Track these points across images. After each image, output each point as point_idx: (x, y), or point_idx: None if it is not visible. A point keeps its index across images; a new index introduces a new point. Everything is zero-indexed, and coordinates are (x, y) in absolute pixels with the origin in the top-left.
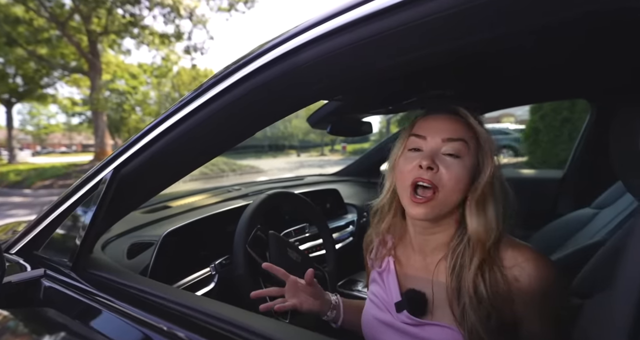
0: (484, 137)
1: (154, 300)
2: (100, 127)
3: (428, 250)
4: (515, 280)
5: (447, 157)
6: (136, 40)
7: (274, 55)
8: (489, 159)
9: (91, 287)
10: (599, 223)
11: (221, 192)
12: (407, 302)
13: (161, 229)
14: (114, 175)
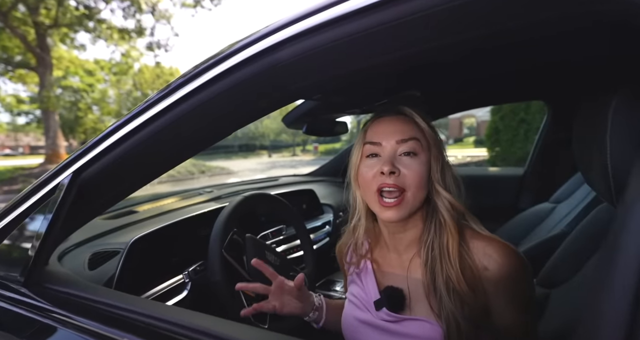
0: (430, 133)
1: (121, 313)
2: (51, 128)
3: (402, 248)
4: (485, 269)
5: (404, 157)
6: (92, 35)
7: (250, 53)
8: (437, 151)
9: (47, 304)
10: (557, 216)
11: (192, 195)
12: (386, 299)
13: (127, 235)
14: (73, 179)
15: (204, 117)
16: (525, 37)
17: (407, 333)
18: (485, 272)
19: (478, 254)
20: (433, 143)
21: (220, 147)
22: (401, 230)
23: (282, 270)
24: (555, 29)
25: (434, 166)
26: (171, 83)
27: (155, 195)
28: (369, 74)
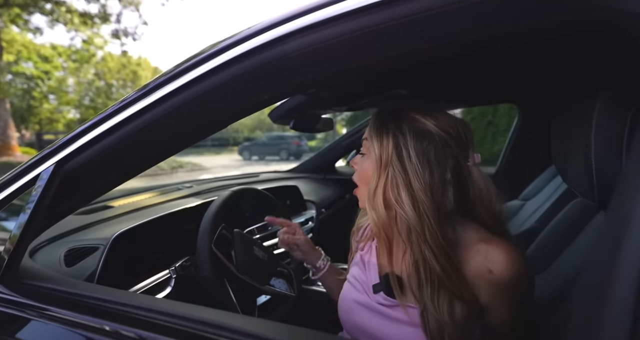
0: (377, 140)
1: (106, 306)
2: (1, 117)
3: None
4: (489, 272)
5: (360, 155)
6: (49, 18)
7: (254, 44)
8: (378, 163)
9: (28, 299)
10: (526, 212)
11: (170, 190)
12: (385, 284)
13: (105, 231)
14: (56, 170)
15: (200, 109)
16: (508, 42)
17: (400, 318)
18: (488, 275)
19: (480, 258)
20: (380, 153)
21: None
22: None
23: (270, 266)
24: (542, 34)
25: (381, 175)
26: (164, 74)
27: (130, 190)
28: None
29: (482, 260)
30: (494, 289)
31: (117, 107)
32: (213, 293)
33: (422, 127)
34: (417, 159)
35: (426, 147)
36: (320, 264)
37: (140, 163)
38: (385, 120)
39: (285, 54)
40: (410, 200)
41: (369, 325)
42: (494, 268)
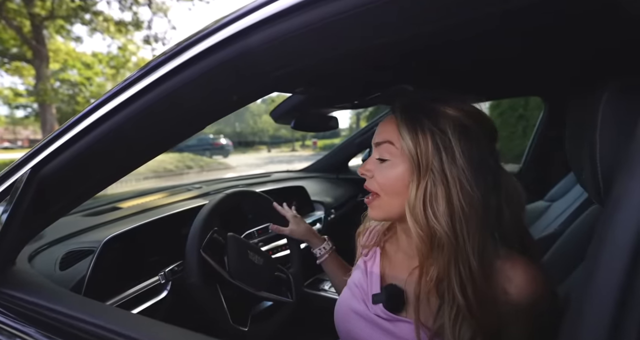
0: (404, 143)
1: (81, 326)
2: (48, 121)
3: (410, 251)
4: (504, 293)
5: (377, 160)
6: (89, 27)
7: (217, 40)
8: (411, 162)
9: (2, 314)
10: (552, 215)
11: (180, 191)
12: (385, 297)
13: (105, 233)
14: (31, 176)
15: (171, 107)
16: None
17: (397, 334)
18: (504, 296)
19: (499, 277)
20: (408, 153)
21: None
22: (404, 233)
23: (267, 270)
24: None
25: (420, 182)
26: (137, 71)
27: (142, 191)
28: (353, 66)
29: (499, 279)
30: (510, 311)
31: (87, 110)
32: (201, 299)
33: (462, 122)
34: (463, 162)
35: (470, 147)
36: (316, 251)
37: (119, 166)
38: (417, 117)
39: (250, 48)
40: (449, 212)
41: (363, 337)
42: (510, 288)
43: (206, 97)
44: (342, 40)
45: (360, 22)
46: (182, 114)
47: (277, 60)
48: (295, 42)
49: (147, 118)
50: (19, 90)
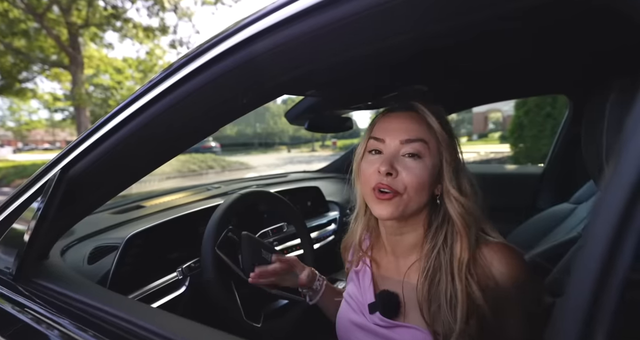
0: (442, 135)
1: (105, 317)
2: (83, 123)
3: (399, 251)
4: (488, 279)
5: (407, 158)
6: (119, 34)
7: (225, 47)
8: (450, 154)
9: (32, 302)
10: (577, 218)
11: (200, 190)
12: (380, 304)
13: (128, 230)
14: (61, 176)
15: (185, 113)
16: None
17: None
18: (488, 281)
19: (483, 263)
20: (445, 146)
21: (240, 143)
22: (398, 233)
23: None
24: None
25: (446, 169)
26: (153, 77)
27: (164, 191)
28: (364, 68)
29: (482, 263)
30: (495, 298)
31: (110, 114)
32: (216, 295)
33: (450, 123)
34: (461, 153)
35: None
36: (316, 285)
37: (139, 166)
38: (440, 115)
39: (256, 55)
40: (465, 192)
41: None
42: (492, 271)
43: (217, 101)
44: (344, 45)
45: (359, 27)
46: (197, 117)
47: (283, 65)
48: (300, 48)
49: (163, 121)
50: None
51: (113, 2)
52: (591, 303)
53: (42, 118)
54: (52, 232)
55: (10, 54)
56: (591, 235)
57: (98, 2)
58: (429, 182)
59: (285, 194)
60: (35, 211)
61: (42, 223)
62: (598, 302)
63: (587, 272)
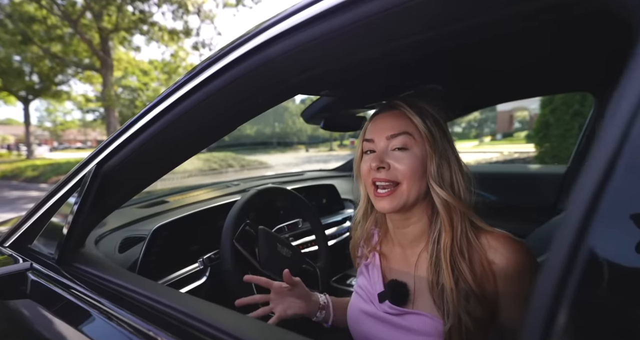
0: (423, 128)
1: (135, 297)
2: (112, 124)
3: (406, 242)
4: (492, 263)
5: (397, 151)
6: (146, 37)
7: (242, 52)
8: (432, 146)
9: (74, 282)
10: None
11: (220, 187)
12: (389, 292)
13: (154, 223)
14: (96, 171)
15: (206, 113)
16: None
17: (408, 326)
18: (492, 266)
19: (485, 249)
20: (427, 137)
21: (260, 142)
22: (404, 225)
23: (294, 263)
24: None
25: (428, 161)
26: (179, 79)
27: (186, 187)
28: (378, 67)
29: (487, 250)
30: (500, 279)
31: (140, 113)
32: (233, 285)
33: (440, 115)
34: (451, 141)
35: (448, 131)
36: (321, 299)
37: (164, 162)
38: (422, 110)
39: (271, 58)
40: (455, 179)
41: (376, 335)
42: (496, 258)
43: (235, 101)
44: (361, 45)
45: (368, 30)
46: (216, 116)
47: (296, 67)
48: (312, 51)
49: (186, 122)
50: (89, 97)
51: (141, 7)
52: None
53: (75, 118)
54: (87, 223)
55: (48, 59)
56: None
57: (127, 7)
58: (419, 171)
59: (301, 191)
60: (72, 205)
61: (79, 215)
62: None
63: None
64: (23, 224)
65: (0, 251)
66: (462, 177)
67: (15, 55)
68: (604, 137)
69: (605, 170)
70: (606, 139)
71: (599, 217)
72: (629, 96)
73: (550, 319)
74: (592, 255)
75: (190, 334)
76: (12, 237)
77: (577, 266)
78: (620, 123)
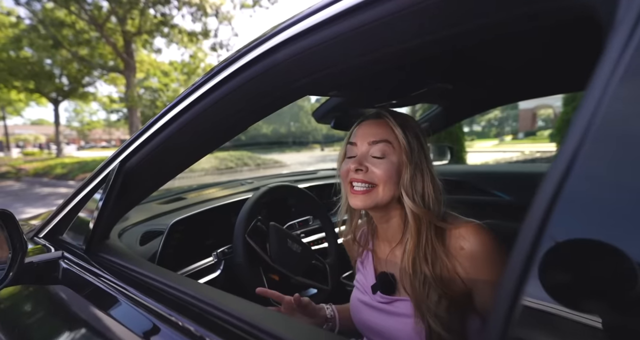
0: (402, 139)
1: (156, 285)
2: (134, 123)
3: (389, 236)
4: (461, 249)
5: (375, 158)
6: (166, 39)
7: (250, 57)
8: (408, 157)
9: (100, 270)
10: None
11: (234, 185)
12: (380, 284)
13: (172, 218)
14: (120, 169)
15: (219, 113)
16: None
17: (397, 312)
18: (461, 251)
19: (454, 238)
20: (404, 148)
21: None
22: (383, 220)
23: (304, 258)
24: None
25: (403, 170)
26: (196, 81)
27: (203, 185)
28: (383, 69)
29: (454, 240)
30: (470, 264)
31: (159, 115)
32: (245, 278)
33: (420, 128)
34: (427, 154)
35: (426, 144)
36: (328, 313)
37: (183, 160)
38: (405, 122)
39: (278, 63)
40: (425, 190)
41: (372, 322)
42: (464, 244)
43: (247, 102)
44: (359, 50)
45: (370, 34)
46: (229, 116)
47: (301, 70)
48: (317, 55)
49: (201, 122)
50: (114, 97)
51: (162, 10)
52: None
53: (100, 119)
54: (112, 217)
55: (76, 61)
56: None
57: (149, 11)
58: (396, 176)
59: (312, 189)
60: (98, 201)
61: (104, 209)
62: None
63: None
64: (55, 217)
65: (35, 241)
66: (432, 188)
67: (46, 58)
68: (570, 131)
69: (567, 165)
70: (572, 133)
71: (559, 207)
72: (591, 96)
73: (515, 300)
74: (552, 240)
75: (211, 321)
76: (45, 229)
77: (540, 251)
78: (583, 120)
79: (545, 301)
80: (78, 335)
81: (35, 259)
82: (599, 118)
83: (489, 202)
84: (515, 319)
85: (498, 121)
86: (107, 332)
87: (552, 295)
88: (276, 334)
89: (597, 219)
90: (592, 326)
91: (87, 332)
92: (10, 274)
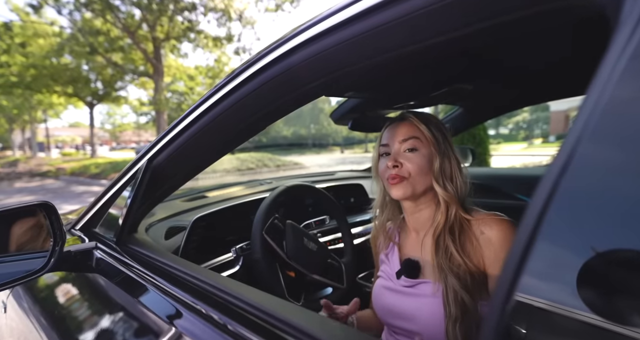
0: (428, 134)
1: (181, 276)
2: (161, 126)
3: (419, 226)
4: (481, 233)
5: (407, 152)
6: (193, 44)
7: (268, 60)
8: (436, 149)
9: (130, 260)
10: None
11: (254, 184)
12: (404, 269)
13: (194, 215)
14: (147, 165)
15: (239, 114)
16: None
17: (419, 294)
18: (482, 236)
19: (478, 224)
20: (431, 141)
21: (295, 144)
22: (415, 210)
23: (320, 256)
24: None
25: (434, 160)
26: (217, 84)
27: (224, 184)
28: (400, 70)
29: (477, 226)
30: (487, 249)
31: (185, 114)
32: (262, 274)
33: (442, 123)
34: (452, 144)
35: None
36: (350, 322)
37: (203, 159)
38: (427, 119)
39: (293, 65)
40: (454, 177)
41: (393, 305)
42: (485, 230)
43: (265, 102)
44: (373, 52)
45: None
46: (249, 117)
47: (317, 72)
48: (332, 56)
49: (229, 116)
50: (143, 101)
51: (189, 17)
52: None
53: (130, 121)
54: (140, 211)
55: (110, 67)
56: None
57: (177, 18)
58: (427, 167)
59: (329, 189)
60: (127, 197)
61: (133, 204)
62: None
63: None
64: (89, 211)
65: (72, 233)
66: (459, 172)
67: (84, 64)
68: (571, 131)
69: (563, 166)
70: (572, 132)
71: (553, 206)
72: (591, 99)
73: (513, 288)
74: (547, 236)
75: (233, 311)
76: (80, 222)
77: (535, 244)
78: (583, 120)
79: (539, 297)
80: (113, 319)
81: (72, 248)
82: (598, 118)
83: (513, 206)
84: (508, 313)
85: (527, 124)
86: (138, 317)
87: (546, 291)
88: (294, 324)
89: (594, 218)
90: (587, 323)
91: (120, 316)
92: (52, 260)
